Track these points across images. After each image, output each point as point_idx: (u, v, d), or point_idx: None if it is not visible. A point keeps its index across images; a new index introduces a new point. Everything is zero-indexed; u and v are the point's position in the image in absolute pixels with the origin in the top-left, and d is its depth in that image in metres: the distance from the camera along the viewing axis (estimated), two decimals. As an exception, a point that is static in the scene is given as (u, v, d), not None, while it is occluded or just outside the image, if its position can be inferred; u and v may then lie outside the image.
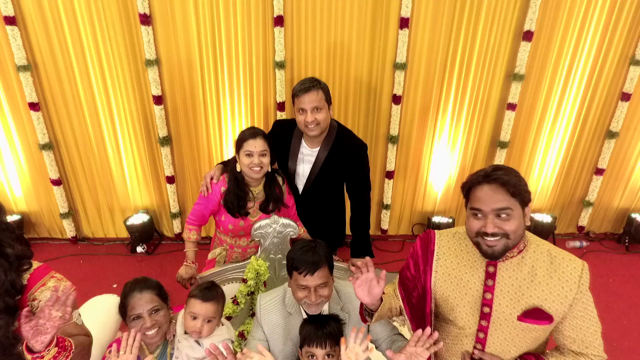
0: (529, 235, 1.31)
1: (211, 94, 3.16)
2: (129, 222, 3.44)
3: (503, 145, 3.44)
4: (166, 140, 3.27)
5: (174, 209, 3.55)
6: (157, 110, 3.15)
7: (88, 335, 1.33)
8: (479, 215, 1.22)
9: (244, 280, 2.00)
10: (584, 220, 3.85)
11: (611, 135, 3.45)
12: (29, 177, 3.39)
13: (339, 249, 2.56)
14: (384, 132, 3.38)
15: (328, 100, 1.97)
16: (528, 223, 1.24)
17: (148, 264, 3.42)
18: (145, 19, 2.86)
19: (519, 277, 1.26)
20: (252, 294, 2.02)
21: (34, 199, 3.49)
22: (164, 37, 2.95)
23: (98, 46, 2.95)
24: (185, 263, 2.03)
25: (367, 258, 1.34)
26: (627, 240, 3.78)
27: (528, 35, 3.03)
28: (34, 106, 3.07)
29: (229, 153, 3.35)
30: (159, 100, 3.12)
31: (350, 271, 1.99)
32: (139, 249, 3.51)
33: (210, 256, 2.12)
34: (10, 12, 2.79)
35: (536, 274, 1.25)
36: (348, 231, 2.36)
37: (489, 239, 1.21)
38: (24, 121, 3.17)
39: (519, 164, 3.57)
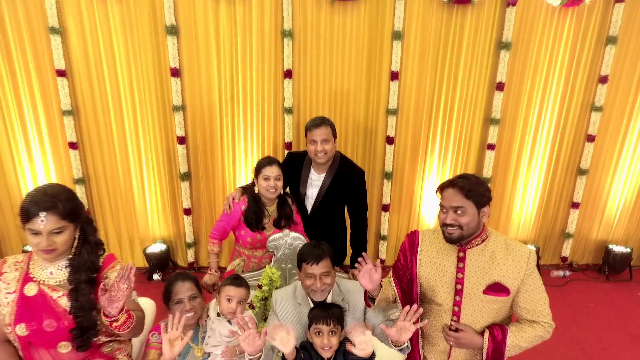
0: (490, 229, 1.68)
1: (227, 135, 3.62)
2: (148, 251, 3.76)
3: (486, 181, 3.85)
4: (186, 176, 3.68)
5: (189, 239, 3.88)
6: (180, 149, 3.59)
7: (142, 311, 1.65)
8: (444, 210, 1.60)
9: (259, 287, 2.31)
10: (567, 251, 4.17)
11: (582, 172, 3.87)
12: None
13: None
14: (380, 169, 3.80)
15: (334, 134, 2.42)
16: (484, 220, 1.61)
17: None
18: (175, 72, 3.38)
19: (483, 259, 1.61)
20: (265, 300, 2.33)
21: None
22: (189, 86, 3.46)
23: (133, 94, 3.45)
24: (209, 272, 2.36)
25: (364, 253, 1.70)
26: (606, 270, 4.08)
27: (500, 86, 3.55)
28: (72, 145, 3.51)
29: (241, 187, 3.74)
30: (182, 140, 3.57)
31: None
32: (156, 277, 3.79)
33: (229, 267, 2.45)
34: (62, 66, 3.31)
35: (495, 257, 1.60)
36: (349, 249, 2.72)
37: (448, 228, 1.58)
38: (61, 159, 3.59)
39: (501, 198, 3.96)
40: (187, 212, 3.79)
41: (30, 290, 1.48)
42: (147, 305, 2.21)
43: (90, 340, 1.50)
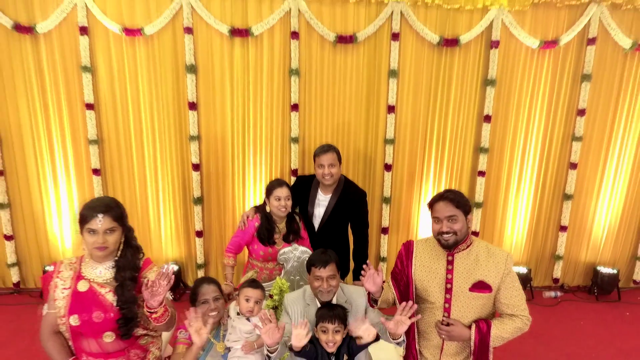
0: (473, 237, 1.95)
1: (238, 163, 3.93)
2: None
3: (478, 205, 4.13)
4: (199, 200, 3.96)
5: (200, 260, 4.11)
6: (194, 175, 3.89)
7: (175, 309, 1.90)
8: (438, 221, 1.88)
9: (271, 296, 2.55)
10: (557, 272, 4.39)
11: (567, 197, 4.16)
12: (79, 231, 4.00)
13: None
14: (379, 194, 4.09)
15: (339, 159, 2.74)
16: (470, 226, 1.89)
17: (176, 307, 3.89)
18: (192, 105, 3.73)
19: (468, 262, 1.88)
20: (275, 308, 2.55)
21: (79, 251, 4.06)
22: (205, 118, 3.81)
23: (153, 125, 3.78)
24: (225, 282, 2.60)
25: (368, 261, 1.97)
26: (596, 291, 4.29)
27: (487, 118, 3.90)
28: (96, 172, 3.81)
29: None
30: (196, 167, 3.88)
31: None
32: (168, 296, 3.98)
33: (243, 279, 2.68)
34: (90, 100, 3.67)
35: (479, 259, 1.87)
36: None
37: (444, 236, 1.85)
38: (84, 184, 3.89)
39: (493, 221, 4.23)
40: (199, 234, 4.04)
41: (82, 286, 1.73)
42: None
43: (132, 330, 1.74)
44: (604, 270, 4.28)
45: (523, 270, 4.23)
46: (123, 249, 1.80)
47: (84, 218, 1.70)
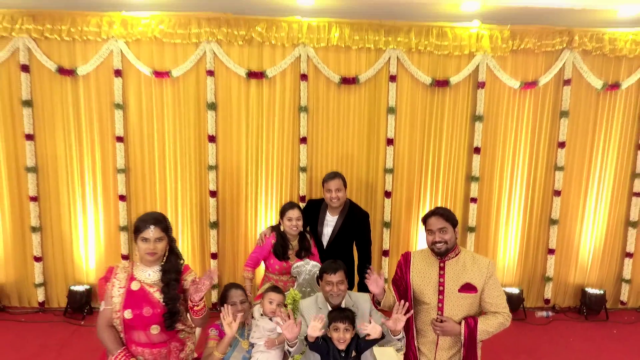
0: (461, 247, 2.31)
1: (252, 190, 4.32)
2: (177, 291, 4.28)
3: (471, 229, 4.48)
4: (215, 224, 4.31)
5: (214, 281, 4.40)
6: (212, 201, 4.27)
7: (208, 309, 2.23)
8: (431, 233, 2.25)
9: (285, 305, 2.86)
10: (548, 293, 4.68)
11: (553, 222, 4.52)
12: (104, 252, 4.34)
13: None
14: (380, 219, 4.45)
15: (345, 184, 3.14)
16: (457, 237, 2.25)
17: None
18: (212, 138, 4.16)
19: (457, 268, 2.23)
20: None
21: (102, 272, 4.36)
22: (222, 150, 4.23)
23: (176, 155, 4.20)
24: (244, 293, 2.92)
25: (370, 266, 2.31)
26: (585, 311, 4.57)
27: (477, 150, 4.33)
28: (122, 198, 4.19)
29: (261, 235, 4.36)
30: (213, 194, 4.26)
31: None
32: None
33: (260, 291, 3.01)
34: (121, 133, 4.10)
35: (465, 265, 2.22)
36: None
37: (437, 245, 2.22)
38: (111, 209, 4.25)
39: (486, 245, 4.57)
40: (214, 256, 4.36)
41: (135, 286, 2.07)
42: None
43: (175, 323, 2.07)
44: (592, 291, 4.57)
45: (515, 291, 4.52)
46: (168, 256, 2.15)
47: (138, 229, 2.07)
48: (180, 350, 2.18)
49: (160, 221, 2.10)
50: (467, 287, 2.18)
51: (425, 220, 2.31)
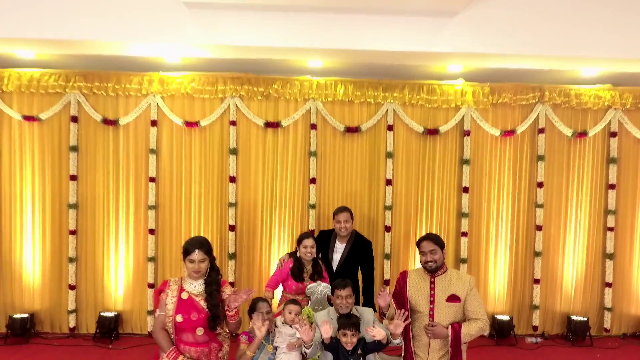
0: (449, 266, 2.83)
1: (267, 225, 4.85)
2: (197, 317, 4.70)
3: (464, 261, 4.97)
4: (233, 256, 4.81)
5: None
6: (230, 235, 4.79)
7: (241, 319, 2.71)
8: (423, 254, 2.77)
9: (300, 321, 3.32)
10: (536, 321, 5.08)
11: (537, 254, 5.01)
12: (132, 281, 4.80)
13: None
14: (381, 251, 4.95)
15: (352, 217, 3.70)
16: (445, 256, 2.78)
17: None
18: (232, 179, 4.76)
19: (444, 282, 2.74)
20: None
21: (130, 299, 4.82)
22: (241, 189, 4.81)
23: (200, 194, 4.77)
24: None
25: (384, 285, 2.83)
26: (571, 337, 4.95)
27: (466, 189, 4.91)
28: (151, 231, 4.72)
29: (274, 267, 4.84)
30: (232, 228, 4.79)
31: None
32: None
33: (279, 309, 3.48)
34: (153, 174, 4.70)
35: (452, 280, 2.73)
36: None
37: (428, 263, 2.74)
38: (140, 242, 4.77)
39: (477, 275, 5.03)
40: (232, 284, 4.82)
41: (184, 295, 2.57)
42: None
43: (217, 325, 2.55)
44: (576, 318, 4.98)
45: (506, 318, 4.93)
46: (209, 272, 2.66)
47: (187, 251, 2.59)
48: (218, 350, 2.64)
49: (203, 245, 2.62)
50: (453, 298, 2.68)
51: (418, 243, 2.84)
